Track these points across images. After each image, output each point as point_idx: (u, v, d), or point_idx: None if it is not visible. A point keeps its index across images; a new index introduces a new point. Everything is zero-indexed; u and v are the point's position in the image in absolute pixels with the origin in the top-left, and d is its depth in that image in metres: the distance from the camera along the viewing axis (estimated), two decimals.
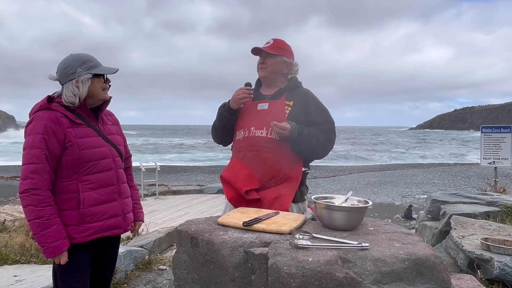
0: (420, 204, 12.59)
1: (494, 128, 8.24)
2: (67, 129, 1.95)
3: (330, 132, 2.43)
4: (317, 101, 2.50)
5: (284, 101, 2.43)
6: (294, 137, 2.28)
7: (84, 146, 1.98)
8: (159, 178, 12.37)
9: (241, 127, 2.48)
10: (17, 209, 6.21)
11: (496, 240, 3.38)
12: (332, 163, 33.49)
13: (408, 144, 67.77)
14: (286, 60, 2.50)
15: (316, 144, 2.35)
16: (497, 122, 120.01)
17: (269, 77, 2.52)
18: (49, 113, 1.95)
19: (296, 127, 2.28)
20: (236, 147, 2.52)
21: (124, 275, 3.74)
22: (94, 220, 1.99)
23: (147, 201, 10.79)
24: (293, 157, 2.37)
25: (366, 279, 1.37)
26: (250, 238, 1.62)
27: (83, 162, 1.96)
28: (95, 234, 2.01)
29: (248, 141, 2.41)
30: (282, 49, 2.49)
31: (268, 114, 2.40)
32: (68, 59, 2.03)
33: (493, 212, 4.73)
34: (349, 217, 1.73)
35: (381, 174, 24.40)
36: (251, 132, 2.41)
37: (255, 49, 2.51)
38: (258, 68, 2.54)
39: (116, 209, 2.09)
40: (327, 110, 2.51)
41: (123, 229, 2.14)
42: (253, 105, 2.50)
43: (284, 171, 2.35)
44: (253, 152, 2.37)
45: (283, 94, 2.47)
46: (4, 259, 3.78)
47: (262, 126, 2.38)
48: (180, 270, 1.76)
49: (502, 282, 3.01)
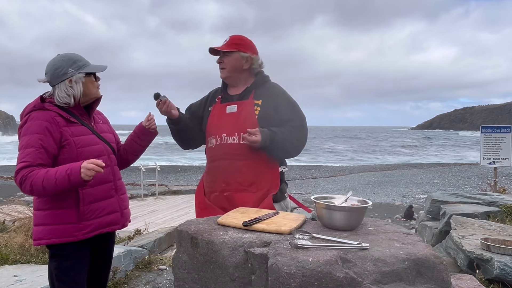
0: (420, 204, 12.59)
1: (494, 128, 8.24)
2: (63, 128, 1.96)
3: (302, 129, 2.39)
4: (286, 96, 2.44)
5: (253, 101, 2.37)
6: (267, 145, 2.25)
7: (80, 144, 2.00)
8: (159, 178, 12.38)
9: (212, 134, 2.43)
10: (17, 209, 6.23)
11: (496, 240, 3.38)
12: (332, 163, 33.49)
13: (408, 144, 67.75)
14: (244, 55, 2.39)
15: (290, 146, 2.33)
16: (497, 122, 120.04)
17: (230, 77, 2.44)
18: (44, 113, 1.96)
19: (267, 135, 2.24)
20: (209, 155, 2.48)
21: (124, 275, 3.73)
22: (94, 217, 2.01)
23: (147, 201, 10.79)
24: (268, 160, 2.34)
25: (366, 279, 1.37)
26: (250, 238, 1.62)
27: (80, 159, 1.96)
28: (95, 230, 2.02)
29: (221, 149, 2.37)
30: (238, 44, 2.40)
31: (238, 117, 2.35)
32: (57, 60, 2.04)
33: (493, 212, 4.73)
34: (349, 217, 1.73)
35: (381, 174, 24.40)
36: (223, 139, 2.36)
37: (211, 50, 2.43)
38: (219, 69, 2.46)
39: (114, 205, 2.12)
40: (297, 104, 2.45)
41: (121, 224, 2.18)
42: (222, 108, 2.43)
43: (261, 176, 2.32)
44: (227, 161, 2.34)
45: (251, 92, 2.41)
46: (4, 259, 3.78)
47: (233, 132, 2.33)
48: (180, 270, 1.76)
49: (502, 282, 3.01)
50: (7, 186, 16.94)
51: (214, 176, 2.41)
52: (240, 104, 2.39)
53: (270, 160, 2.35)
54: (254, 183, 2.32)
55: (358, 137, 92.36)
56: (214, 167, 2.42)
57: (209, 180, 2.46)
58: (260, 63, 2.47)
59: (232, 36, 2.44)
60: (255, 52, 2.45)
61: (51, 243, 1.98)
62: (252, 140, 2.22)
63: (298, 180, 21.99)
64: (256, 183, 2.32)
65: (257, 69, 2.46)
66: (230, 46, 2.39)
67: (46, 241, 1.98)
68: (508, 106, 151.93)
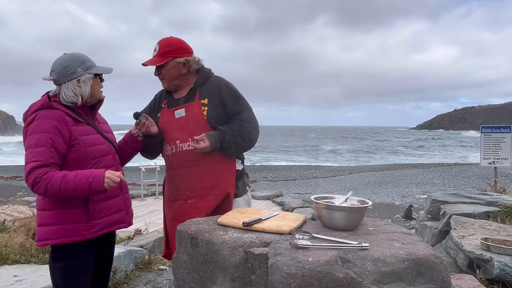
0: (420, 204, 12.59)
1: (494, 128, 8.24)
2: (71, 127, 1.96)
3: (250, 120, 2.37)
4: (230, 88, 2.40)
5: (199, 101, 2.34)
6: (218, 147, 2.26)
7: (89, 143, 2.01)
8: (159, 178, 12.36)
9: (166, 141, 2.41)
10: (17, 209, 6.22)
11: (496, 240, 3.38)
12: (332, 163, 33.48)
13: (408, 144, 67.75)
14: (179, 60, 2.32)
15: (242, 141, 2.32)
16: (497, 122, 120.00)
17: (172, 85, 2.40)
18: (52, 112, 1.95)
19: (215, 137, 2.24)
20: (168, 164, 2.46)
21: (124, 275, 3.73)
22: (102, 216, 2.03)
23: (147, 201, 10.79)
24: (226, 159, 2.35)
25: (366, 279, 1.37)
26: (250, 238, 1.62)
27: (89, 159, 1.99)
28: (104, 229, 2.04)
29: (179, 156, 2.36)
30: (169, 52, 2.31)
31: (188, 121, 2.33)
32: (66, 59, 2.03)
33: (493, 212, 4.73)
34: (349, 217, 1.73)
35: (381, 174, 24.39)
36: (177, 147, 2.36)
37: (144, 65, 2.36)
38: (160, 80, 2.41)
39: (120, 204, 2.13)
40: (241, 96, 2.42)
41: (127, 223, 2.19)
42: (170, 113, 2.40)
43: (222, 177, 2.33)
44: (187, 168, 2.34)
45: (195, 92, 2.37)
46: (4, 259, 3.78)
47: (187, 138, 2.32)
48: (180, 270, 1.76)
49: (502, 282, 3.01)
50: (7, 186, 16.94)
51: (176, 184, 2.41)
52: (187, 107, 2.35)
53: (227, 158, 2.35)
54: (217, 185, 2.32)
55: (358, 137, 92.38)
56: (175, 175, 2.41)
57: (171, 189, 2.45)
58: (197, 61, 2.40)
59: (160, 43, 2.34)
60: (189, 52, 2.37)
61: (59, 243, 1.94)
62: (201, 148, 2.23)
63: (298, 180, 22.00)
64: (219, 184, 2.32)
65: (196, 67, 2.40)
66: (162, 57, 2.30)
67: (54, 241, 1.94)
68: (508, 106, 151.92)
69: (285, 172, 25.16)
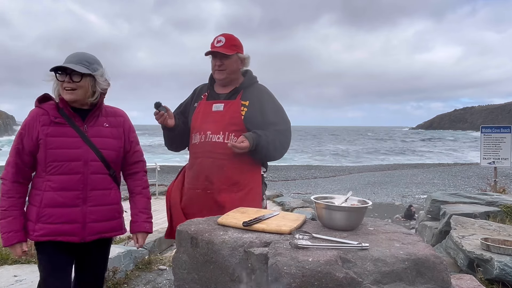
0: (420, 204, 12.58)
1: (494, 128, 8.24)
2: (41, 127, 1.96)
3: (286, 133, 2.42)
4: (272, 99, 2.47)
5: (240, 101, 2.39)
6: (252, 150, 2.28)
7: (53, 145, 1.94)
8: (159, 178, 12.36)
9: (196, 130, 2.44)
10: None
11: (496, 240, 3.37)
12: (332, 163, 33.49)
13: (408, 144, 67.75)
14: (241, 56, 2.44)
15: (273, 151, 2.35)
16: (497, 122, 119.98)
17: (227, 78, 2.45)
18: (34, 110, 2.01)
19: (253, 139, 2.27)
20: (192, 152, 2.49)
21: (124, 275, 3.73)
22: (49, 222, 1.94)
23: None
24: (250, 162, 2.36)
25: (366, 279, 1.37)
26: (250, 238, 1.62)
27: (48, 161, 1.94)
28: (46, 236, 1.95)
29: (205, 146, 2.38)
30: (236, 46, 2.42)
31: (224, 116, 2.36)
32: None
33: (493, 212, 4.73)
34: (349, 217, 1.73)
35: (381, 174, 24.39)
36: (207, 137, 2.37)
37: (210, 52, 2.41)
38: (214, 70, 2.45)
39: (75, 216, 1.96)
40: (282, 108, 2.48)
41: (81, 237, 1.98)
42: (208, 105, 2.45)
43: (243, 177, 2.35)
44: (211, 159, 2.35)
45: (239, 92, 2.42)
46: (4, 259, 3.78)
47: (218, 131, 2.34)
48: (180, 270, 1.76)
49: (502, 282, 3.00)
50: None
51: (196, 172, 2.42)
52: (227, 103, 2.40)
53: (253, 161, 2.38)
54: (237, 183, 2.34)
55: (358, 137, 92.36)
56: (197, 163, 2.43)
57: (190, 176, 2.47)
58: (248, 62, 2.51)
59: (227, 37, 2.42)
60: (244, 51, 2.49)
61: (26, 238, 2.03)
62: (241, 147, 2.24)
63: (298, 180, 21.99)
64: (238, 183, 2.34)
65: (246, 68, 2.50)
66: (230, 49, 2.39)
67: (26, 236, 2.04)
68: (508, 106, 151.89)
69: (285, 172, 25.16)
